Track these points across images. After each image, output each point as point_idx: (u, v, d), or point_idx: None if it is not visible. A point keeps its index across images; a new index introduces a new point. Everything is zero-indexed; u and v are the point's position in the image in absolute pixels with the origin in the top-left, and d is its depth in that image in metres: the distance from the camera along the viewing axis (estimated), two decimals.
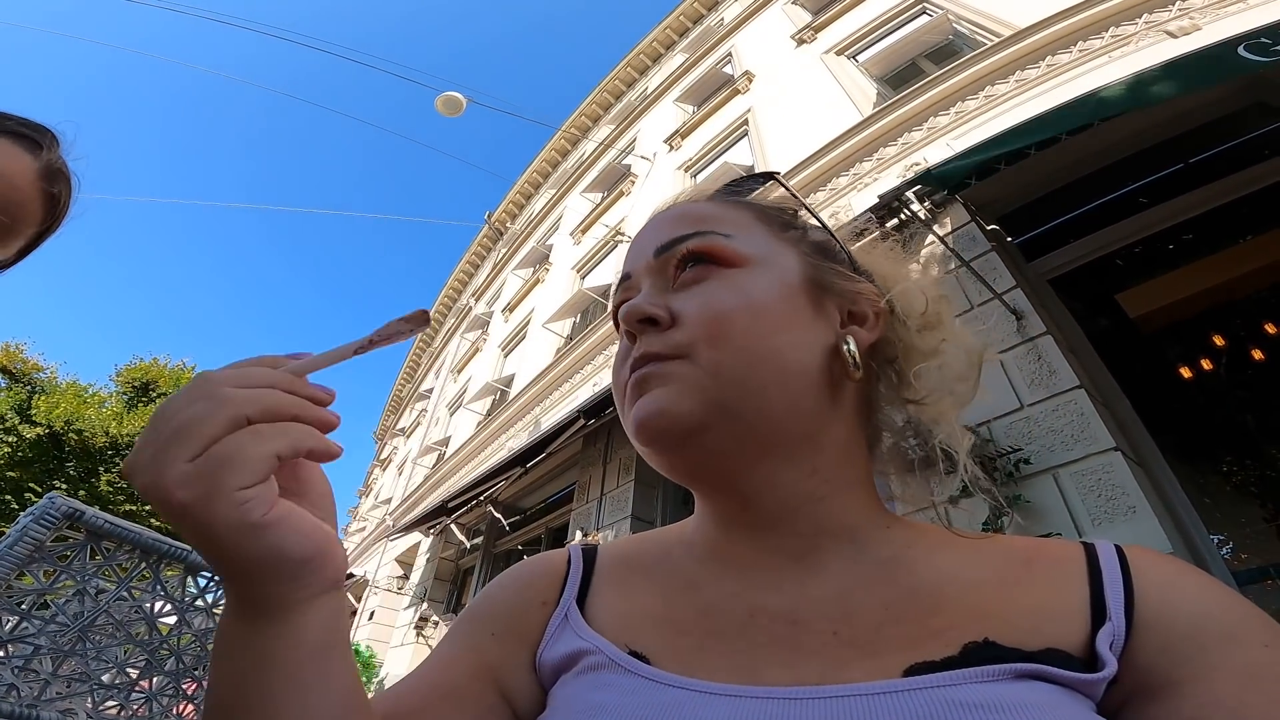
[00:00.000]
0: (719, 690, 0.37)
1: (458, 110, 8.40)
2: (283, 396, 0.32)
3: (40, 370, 13.68)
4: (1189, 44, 3.78)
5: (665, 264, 0.48)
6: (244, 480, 0.29)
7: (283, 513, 0.31)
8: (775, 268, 0.47)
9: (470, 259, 17.83)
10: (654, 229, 0.51)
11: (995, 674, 0.34)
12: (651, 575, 0.49)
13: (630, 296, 0.50)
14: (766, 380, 0.42)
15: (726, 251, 0.47)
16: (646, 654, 0.42)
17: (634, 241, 0.53)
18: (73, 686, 1.39)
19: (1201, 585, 0.38)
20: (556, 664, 0.44)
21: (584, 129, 13.94)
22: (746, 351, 0.42)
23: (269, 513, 0.30)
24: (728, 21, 10.64)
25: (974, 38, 5.70)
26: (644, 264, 0.50)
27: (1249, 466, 4.87)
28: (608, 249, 9.31)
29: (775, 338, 0.43)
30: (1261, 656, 0.33)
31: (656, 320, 0.45)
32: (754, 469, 0.44)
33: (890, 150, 5.18)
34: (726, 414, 0.42)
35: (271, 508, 0.30)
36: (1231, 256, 3.85)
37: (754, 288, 0.45)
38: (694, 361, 0.42)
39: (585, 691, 0.40)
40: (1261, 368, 4.33)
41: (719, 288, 0.45)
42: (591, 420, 5.53)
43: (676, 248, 0.48)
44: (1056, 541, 0.44)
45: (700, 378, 0.42)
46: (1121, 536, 2.57)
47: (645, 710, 0.36)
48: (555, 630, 0.46)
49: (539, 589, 0.50)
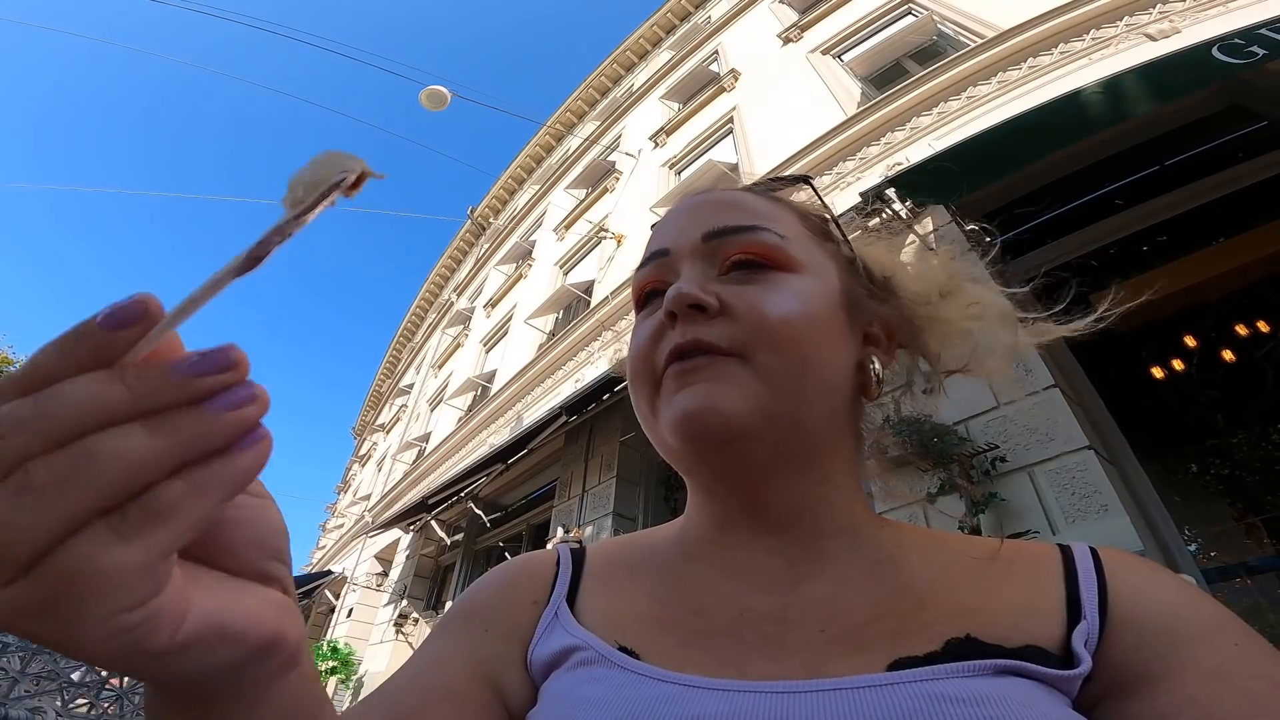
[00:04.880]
0: (707, 684, 0.37)
1: (442, 104, 8.34)
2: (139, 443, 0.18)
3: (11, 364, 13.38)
4: (1168, 46, 3.83)
5: (715, 250, 0.47)
6: (116, 606, 0.18)
7: (202, 615, 0.20)
8: (823, 279, 0.47)
9: (452, 254, 17.72)
10: (699, 210, 0.49)
11: (976, 669, 0.35)
12: (640, 574, 0.49)
13: (664, 276, 0.48)
14: (812, 393, 0.43)
15: (783, 253, 0.46)
16: (636, 649, 0.42)
17: (670, 218, 0.51)
18: (41, 684, 1.37)
19: (1173, 586, 0.39)
20: (548, 660, 0.44)
21: (569, 125, 13.89)
22: (802, 362, 0.42)
23: (180, 630, 0.20)
24: (714, 19, 10.65)
25: (958, 38, 5.75)
26: (688, 245, 0.48)
27: (1219, 466, 4.97)
28: (591, 245, 9.29)
29: (826, 350, 0.44)
30: (1232, 654, 0.33)
31: (705, 308, 0.43)
32: (778, 475, 0.44)
33: (873, 149, 5.22)
34: (771, 422, 0.41)
35: (182, 619, 0.20)
36: (1205, 258, 3.92)
37: (811, 297, 0.44)
38: (749, 363, 0.42)
39: (575, 686, 0.40)
40: (1232, 369, 4.41)
41: (778, 290, 0.44)
42: (573, 417, 5.52)
43: (732, 237, 0.46)
44: (1034, 543, 0.45)
45: (754, 382, 0.41)
46: (1094, 534, 2.61)
47: (634, 704, 0.37)
48: (546, 628, 0.46)
49: (530, 587, 0.50)
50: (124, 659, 0.19)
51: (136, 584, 0.18)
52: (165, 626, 0.19)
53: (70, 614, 0.18)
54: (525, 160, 15.23)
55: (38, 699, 1.37)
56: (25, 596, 0.17)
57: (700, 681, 0.38)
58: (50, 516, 0.17)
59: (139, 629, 0.19)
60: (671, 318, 0.44)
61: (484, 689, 0.43)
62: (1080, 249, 3.87)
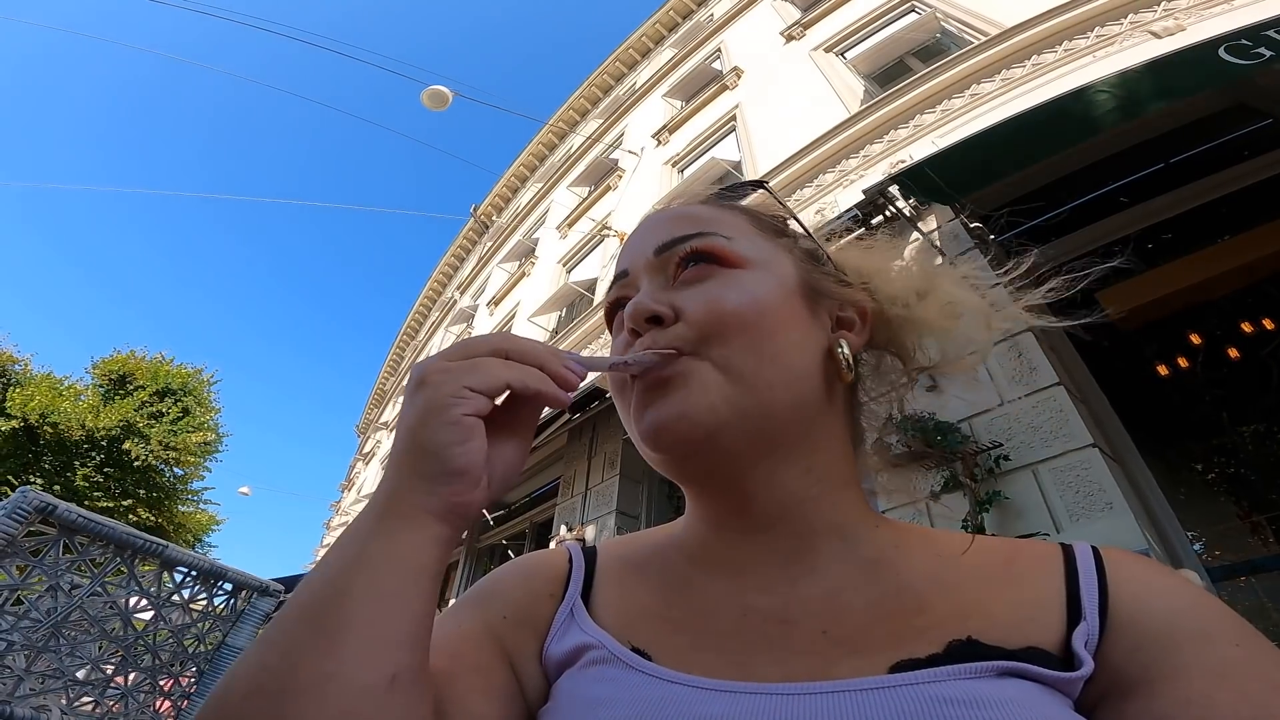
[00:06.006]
0: (714, 686, 0.38)
1: (444, 104, 8.33)
2: (535, 345, 0.38)
3: (14, 362, 13.39)
4: (1173, 44, 3.82)
5: (666, 262, 0.49)
6: (473, 383, 0.35)
7: (469, 431, 0.35)
8: (774, 271, 0.48)
9: (455, 252, 17.72)
10: (651, 228, 0.52)
11: (978, 671, 0.35)
12: (649, 574, 0.50)
13: (627, 294, 0.51)
14: (773, 378, 0.43)
15: (728, 252, 0.48)
16: (647, 650, 0.43)
17: (629, 240, 0.54)
18: (46, 683, 1.38)
19: (1174, 586, 0.39)
20: (561, 658, 0.44)
21: (571, 123, 13.88)
22: (755, 348, 0.43)
23: (463, 420, 0.35)
24: (717, 17, 10.63)
25: (961, 36, 5.74)
26: (643, 262, 0.50)
27: (1223, 464, 4.96)
28: (594, 243, 9.29)
29: (780, 337, 0.45)
30: (1232, 655, 0.33)
31: (661, 318, 0.45)
32: (756, 468, 0.45)
33: (877, 147, 5.21)
34: (739, 413, 0.42)
35: (473, 418, 0.35)
36: (1209, 256, 3.91)
37: (757, 287, 0.46)
38: (703, 357, 0.43)
39: (588, 685, 0.41)
40: (1236, 366, 4.40)
41: (723, 285, 0.46)
42: (576, 415, 5.53)
43: (678, 246, 0.49)
44: (1035, 543, 0.45)
45: (715, 375, 0.43)
46: (1098, 532, 2.61)
47: (645, 705, 0.38)
48: (561, 624, 0.47)
49: (546, 581, 0.51)
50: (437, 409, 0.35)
51: (488, 380, 0.36)
52: (466, 408, 0.35)
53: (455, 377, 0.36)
54: (528, 158, 15.22)
55: (43, 697, 1.37)
56: (454, 366, 0.37)
57: (708, 683, 0.38)
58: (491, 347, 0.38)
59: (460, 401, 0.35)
60: (634, 334, 0.46)
61: (509, 674, 0.44)
62: (1084, 247, 3.86)
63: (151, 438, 12.91)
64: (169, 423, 13.46)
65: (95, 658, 1.45)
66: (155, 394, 13.82)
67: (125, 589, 1.45)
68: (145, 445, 12.73)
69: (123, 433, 12.69)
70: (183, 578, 1.56)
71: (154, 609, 1.50)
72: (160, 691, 1.52)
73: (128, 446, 12.45)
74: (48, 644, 1.35)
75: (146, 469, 12.93)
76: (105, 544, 1.38)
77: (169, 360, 14.71)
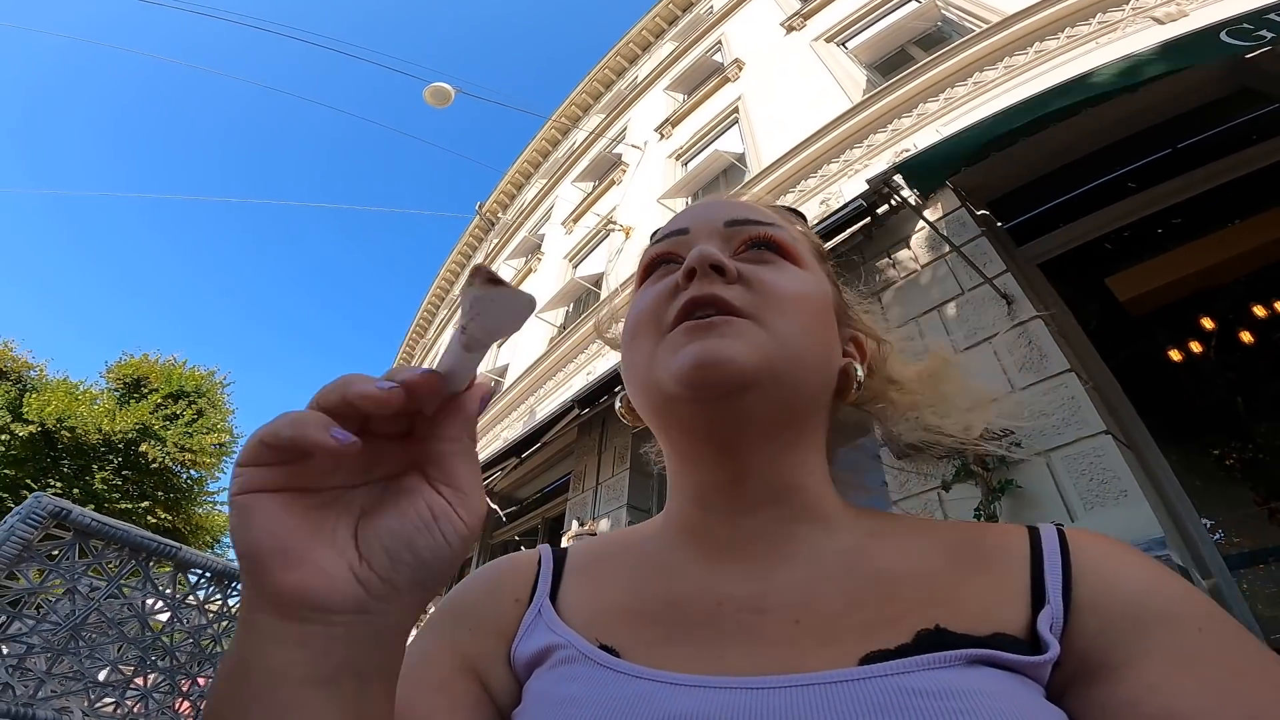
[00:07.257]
0: (684, 681, 0.38)
1: (446, 101, 8.34)
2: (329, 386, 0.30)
3: (31, 368, 13.55)
4: (1176, 29, 3.77)
5: (733, 236, 0.52)
6: (240, 458, 0.28)
7: (243, 510, 0.28)
8: (822, 281, 0.53)
9: (462, 250, 17.74)
10: (723, 206, 0.55)
11: (946, 660, 0.35)
12: (621, 567, 0.51)
13: (677, 250, 0.53)
14: (810, 365, 0.47)
15: (793, 249, 0.52)
16: (615, 646, 0.43)
17: (692, 208, 0.57)
18: (67, 685, 1.39)
19: (1140, 566, 0.39)
20: (530, 659, 0.44)
21: (574, 118, 13.85)
22: (805, 334, 0.47)
23: (234, 500, 0.28)
24: (717, 9, 10.57)
25: (962, 24, 5.68)
26: (709, 227, 0.53)
27: (1239, 449, 4.90)
28: (600, 238, 9.28)
29: (822, 333, 0.49)
30: (1195, 640, 0.33)
31: (725, 270, 0.47)
32: (763, 443, 0.46)
33: (880, 137, 5.18)
34: (775, 380, 0.44)
35: (246, 495, 0.28)
36: (1220, 240, 3.87)
37: (814, 288, 0.51)
38: (763, 326, 0.45)
39: (556, 685, 0.41)
40: (1250, 350, 4.35)
41: (783, 272, 0.50)
42: (586, 409, 5.54)
43: (753, 227, 0.52)
44: (1004, 526, 0.46)
45: (767, 341, 0.44)
46: (1113, 520, 2.60)
47: (613, 703, 0.38)
48: (529, 625, 0.47)
49: (512, 586, 0.51)
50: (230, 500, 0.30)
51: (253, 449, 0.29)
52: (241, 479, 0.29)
53: None
54: (531, 155, 15.21)
55: (64, 699, 1.39)
56: None
57: (678, 678, 0.38)
58: None
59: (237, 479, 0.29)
60: (688, 277, 0.47)
61: (473, 684, 0.44)
62: (1093, 233, 3.83)
63: (167, 440, 13.06)
64: (184, 425, 13.61)
65: (114, 659, 1.47)
66: (169, 396, 13.98)
67: (141, 591, 1.47)
68: (161, 447, 12.88)
69: (139, 435, 12.84)
70: (198, 579, 1.58)
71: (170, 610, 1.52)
72: (179, 692, 1.54)
73: (144, 449, 12.60)
74: (67, 646, 1.37)
75: (163, 471, 13.09)
76: (120, 547, 1.40)
77: (181, 363, 14.86)
